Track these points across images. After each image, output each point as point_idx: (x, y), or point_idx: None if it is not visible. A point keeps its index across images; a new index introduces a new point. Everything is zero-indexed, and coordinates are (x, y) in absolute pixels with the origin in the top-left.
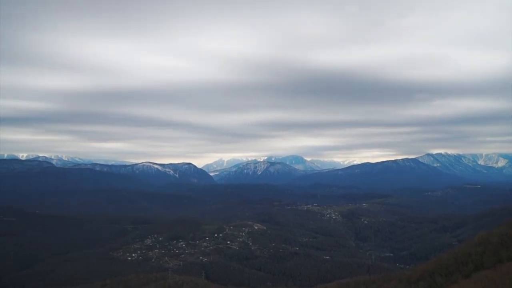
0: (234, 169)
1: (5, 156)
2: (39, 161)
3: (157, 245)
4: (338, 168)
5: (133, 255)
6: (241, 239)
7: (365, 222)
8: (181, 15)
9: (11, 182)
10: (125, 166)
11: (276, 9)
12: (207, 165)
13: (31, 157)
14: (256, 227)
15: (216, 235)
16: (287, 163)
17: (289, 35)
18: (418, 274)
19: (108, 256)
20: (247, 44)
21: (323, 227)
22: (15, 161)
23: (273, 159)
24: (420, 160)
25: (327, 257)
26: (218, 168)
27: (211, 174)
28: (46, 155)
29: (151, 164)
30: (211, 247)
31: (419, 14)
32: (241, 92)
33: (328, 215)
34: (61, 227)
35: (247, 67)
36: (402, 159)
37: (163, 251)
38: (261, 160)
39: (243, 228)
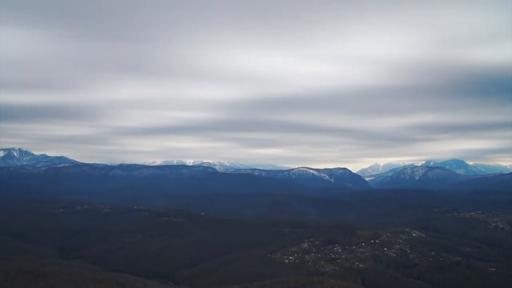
0: (390, 174)
1: (175, 162)
2: (204, 166)
3: (313, 249)
4: (505, 172)
5: (290, 257)
6: (398, 246)
7: None
8: (329, 21)
9: (180, 186)
10: (282, 171)
11: (429, 8)
12: (362, 170)
13: (197, 163)
14: (414, 234)
15: (372, 241)
16: (447, 167)
17: (444, 33)
18: None
19: (266, 258)
20: (399, 46)
21: (488, 237)
22: (183, 166)
23: (431, 163)
24: None
25: (493, 269)
26: (374, 173)
27: (367, 179)
28: (210, 161)
29: (307, 169)
30: (367, 253)
31: None
32: (395, 95)
33: (494, 224)
34: (224, 229)
35: (401, 69)
36: None
37: (319, 255)
38: (419, 165)
39: (401, 235)
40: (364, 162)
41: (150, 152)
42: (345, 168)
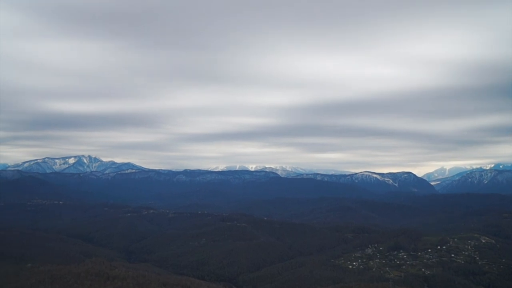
0: (457, 178)
1: (237, 168)
2: (266, 171)
3: (378, 254)
4: None
5: (354, 263)
6: (466, 253)
7: None
8: (391, 24)
9: (242, 191)
10: (344, 175)
11: (493, 8)
12: (427, 174)
13: (259, 168)
14: (483, 240)
15: (439, 247)
16: None
17: (509, 33)
18: None
19: (330, 263)
20: (463, 47)
21: None
22: (245, 172)
23: (501, 166)
24: None
25: None
26: (440, 177)
27: (432, 183)
28: (272, 166)
29: (370, 174)
30: (433, 260)
31: None
32: (460, 97)
33: None
34: (287, 234)
35: (465, 70)
36: None
37: (384, 261)
38: (487, 168)
39: (469, 241)
40: (429, 166)
41: (213, 157)
42: (409, 172)
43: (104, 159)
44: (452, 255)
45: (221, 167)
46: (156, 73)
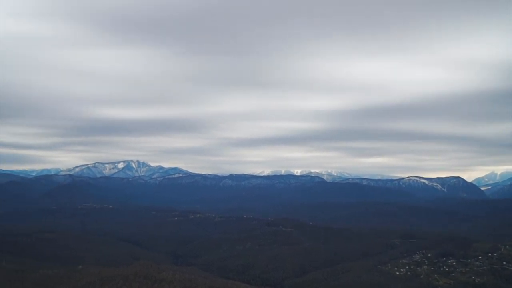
0: (508, 183)
1: (283, 172)
2: (312, 176)
3: (426, 261)
4: None
5: (401, 270)
6: None
7: None
8: (435, 26)
9: (288, 196)
10: (391, 180)
11: None
12: (478, 179)
13: (304, 173)
14: None
15: (489, 254)
16: None
17: None
18: None
19: (376, 269)
20: (510, 48)
21: None
22: (290, 176)
23: None
24: None
25: None
26: (490, 182)
27: (482, 188)
28: (317, 170)
29: (418, 178)
30: (484, 267)
31: None
32: (508, 100)
33: None
34: (333, 239)
35: None
36: None
37: (432, 268)
38: None
39: None
40: (479, 171)
41: (258, 162)
42: (458, 177)
43: (152, 164)
44: (504, 262)
45: (267, 171)
46: (202, 79)
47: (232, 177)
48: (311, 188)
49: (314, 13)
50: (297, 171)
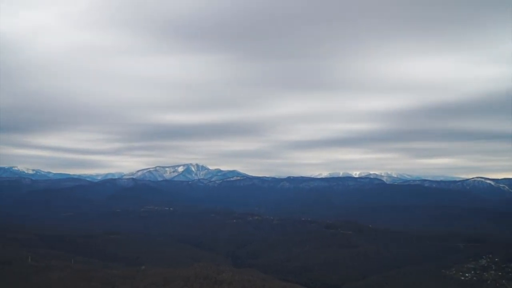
0: None
1: (341, 174)
2: (371, 178)
3: (492, 266)
4: None
5: (466, 274)
6: None
7: None
8: (504, 23)
9: (346, 198)
10: (454, 181)
11: None
12: None
13: (363, 175)
14: None
15: None
16: None
17: None
18: None
19: (440, 274)
20: None
21: None
22: (349, 178)
23: None
24: None
25: None
26: None
27: None
28: (376, 172)
29: (483, 179)
30: None
31: None
32: None
33: None
34: (393, 242)
35: None
36: None
37: (500, 273)
38: None
39: None
40: None
41: (316, 164)
42: None
43: (211, 167)
44: None
45: (324, 173)
46: (259, 83)
47: (289, 179)
48: (370, 190)
49: (371, 12)
50: (356, 173)
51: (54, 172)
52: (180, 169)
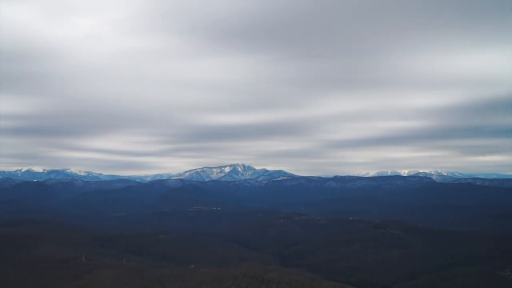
0: None
1: (389, 173)
2: (420, 176)
3: None
4: None
5: None
6: None
7: None
8: None
9: (395, 197)
10: (509, 179)
11: None
12: None
13: (412, 173)
14: None
15: None
16: None
17: None
18: None
19: (494, 275)
20: None
21: None
22: (397, 177)
23: None
24: None
25: None
26: None
27: None
28: (426, 170)
29: None
30: None
31: None
32: None
33: None
34: (444, 241)
35: None
36: None
37: None
38: None
39: None
40: None
41: (363, 163)
42: None
43: (257, 167)
44: None
45: (372, 172)
46: (305, 83)
47: (336, 179)
48: (420, 189)
49: (419, 6)
50: (404, 172)
51: (105, 173)
52: (227, 169)
